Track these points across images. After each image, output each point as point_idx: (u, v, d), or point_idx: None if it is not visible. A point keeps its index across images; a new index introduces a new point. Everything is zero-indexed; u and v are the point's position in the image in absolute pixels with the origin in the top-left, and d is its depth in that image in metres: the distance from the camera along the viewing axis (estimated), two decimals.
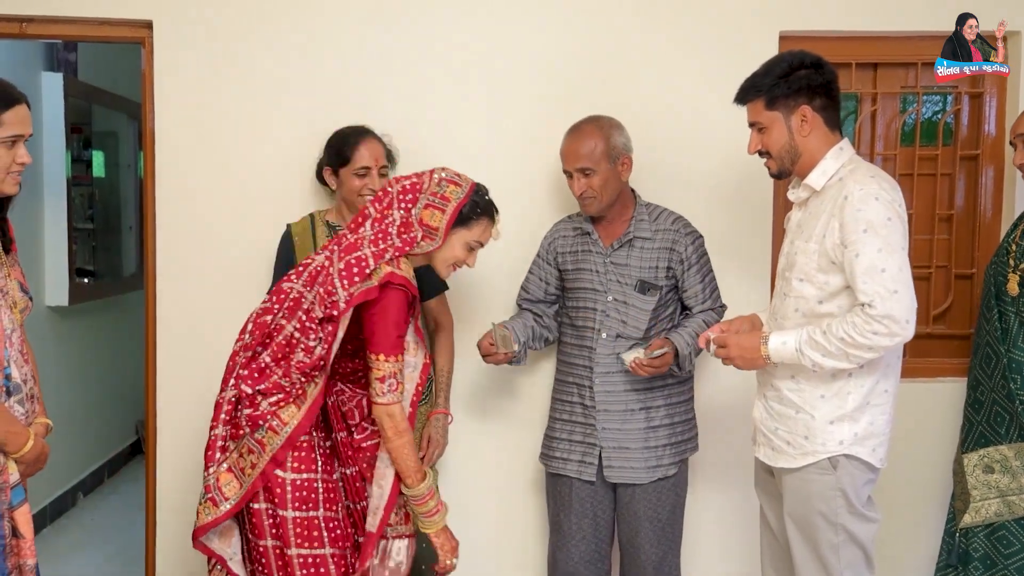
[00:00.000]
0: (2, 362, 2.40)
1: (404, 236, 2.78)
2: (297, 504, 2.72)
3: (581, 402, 3.30)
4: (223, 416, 2.76)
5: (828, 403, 2.72)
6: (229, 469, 2.74)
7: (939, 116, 3.89)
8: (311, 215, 3.44)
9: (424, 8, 3.61)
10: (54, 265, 5.16)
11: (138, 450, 6.33)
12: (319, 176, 3.46)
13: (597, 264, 3.29)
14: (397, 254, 2.76)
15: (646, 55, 3.64)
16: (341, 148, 3.32)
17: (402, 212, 2.81)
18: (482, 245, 2.94)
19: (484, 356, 3.27)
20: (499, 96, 3.64)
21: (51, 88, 5.14)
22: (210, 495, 2.72)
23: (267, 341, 2.77)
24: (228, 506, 2.71)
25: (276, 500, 2.70)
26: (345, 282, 2.70)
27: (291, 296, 2.78)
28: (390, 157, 3.40)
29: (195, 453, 3.58)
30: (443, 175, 2.86)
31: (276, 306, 2.80)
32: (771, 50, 3.49)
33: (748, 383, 2.95)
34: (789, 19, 3.65)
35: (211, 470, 2.74)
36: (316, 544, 2.72)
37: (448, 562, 2.85)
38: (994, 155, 3.83)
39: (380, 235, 2.79)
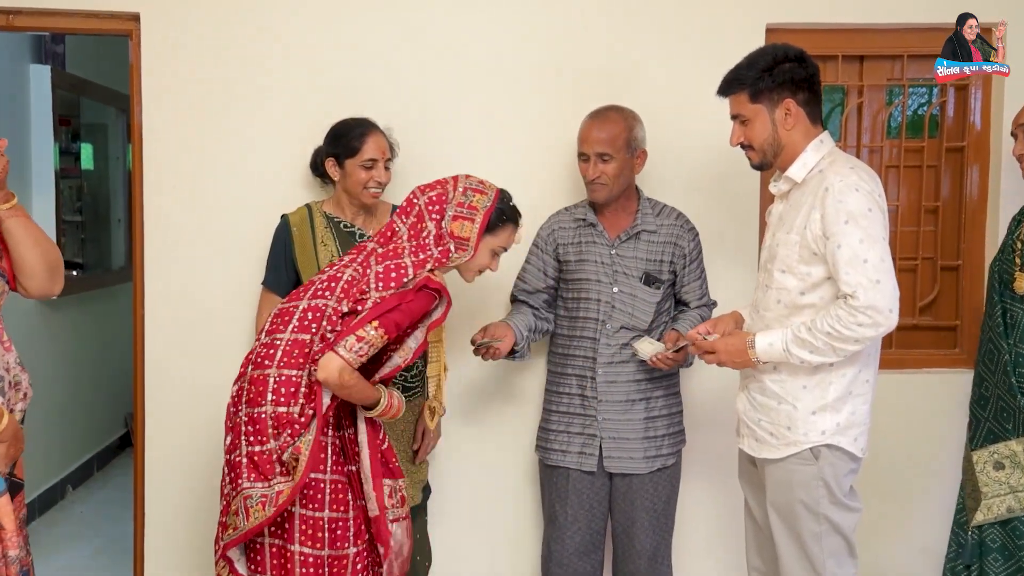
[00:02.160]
0: None
1: (441, 248, 2.84)
2: (304, 502, 2.72)
3: (581, 393, 3.30)
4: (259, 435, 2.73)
5: (810, 393, 2.75)
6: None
7: (925, 108, 3.91)
8: (307, 206, 3.41)
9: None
10: None
11: (127, 443, 6.33)
12: (314, 167, 3.44)
13: (603, 256, 3.29)
14: (436, 265, 2.82)
15: (633, 49, 3.65)
16: (348, 139, 3.28)
17: (434, 224, 2.86)
18: (506, 250, 3.01)
19: (482, 354, 3.24)
20: (496, 91, 3.64)
21: (39, 80, 5.13)
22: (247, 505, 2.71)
23: (300, 362, 2.74)
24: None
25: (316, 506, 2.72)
26: (380, 284, 2.74)
27: (327, 314, 2.76)
28: (391, 151, 3.38)
29: (184, 446, 3.60)
30: (467, 184, 2.92)
31: (311, 324, 2.77)
32: (757, 43, 3.50)
33: (732, 374, 2.97)
34: (775, 12, 3.66)
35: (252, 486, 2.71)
36: (318, 545, 2.73)
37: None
38: (980, 147, 3.84)
39: (419, 247, 2.83)
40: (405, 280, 2.76)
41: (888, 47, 3.80)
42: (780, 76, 2.74)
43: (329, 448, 2.77)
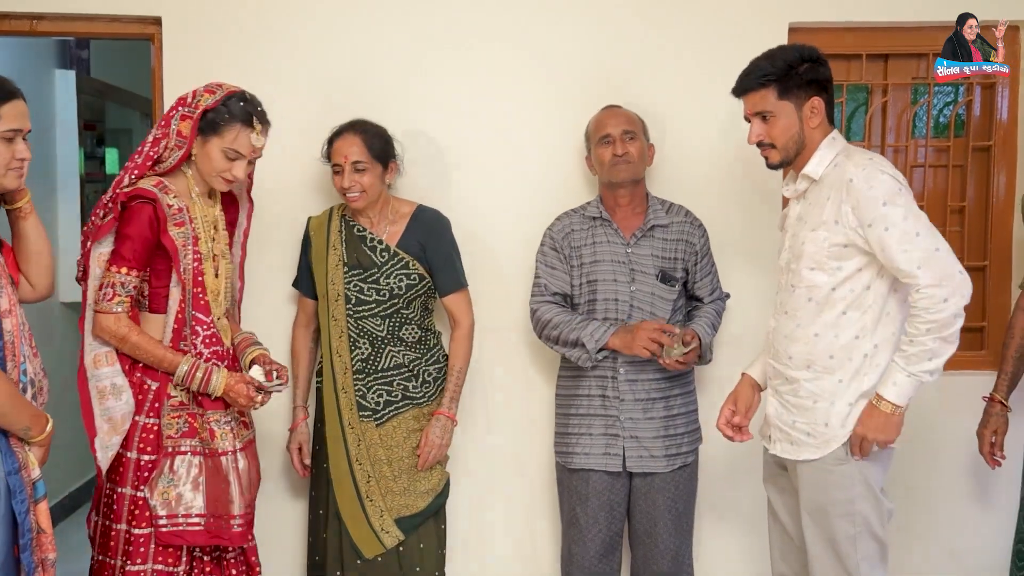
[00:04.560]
0: (19, 358, 2.41)
1: (149, 152, 2.79)
2: (136, 483, 2.83)
3: (601, 394, 3.28)
4: None
5: (846, 388, 2.72)
6: None
7: (951, 108, 3.87)
8: (331, 208, 3.40)
9: (435, 3, 3.61)
10: (68, 262, 5.19)
11: None
12: None
13: (618, 255, 3.28)
14: (136, 175, 2.77)
15: (655, 49, 3.63)
16: (327, 149, 3.30)
17: (160, 130, 2.82)
18: (241, 154, 2.82)
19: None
20: (508, 94, 3.64)
21: (64, 85, 5.17)
22: None
23: None
24: None
25: (118, 479, 2.83)
26: (92, 219, 2.80)
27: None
28: (382, 152, 3.27)
29: None
30: (206, 86, 2.86)
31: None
32: (781, 42, 3.47)
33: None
34: (798, 11, 3.64)
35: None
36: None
37: (250, 405, 2.88)
38: (1007, 147, 3.80)
39: (128, 164, 2.81)
40: (108, 204, 2.76)
41: (913, 46, 3.76)
42: (807, 74, 2.74)
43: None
